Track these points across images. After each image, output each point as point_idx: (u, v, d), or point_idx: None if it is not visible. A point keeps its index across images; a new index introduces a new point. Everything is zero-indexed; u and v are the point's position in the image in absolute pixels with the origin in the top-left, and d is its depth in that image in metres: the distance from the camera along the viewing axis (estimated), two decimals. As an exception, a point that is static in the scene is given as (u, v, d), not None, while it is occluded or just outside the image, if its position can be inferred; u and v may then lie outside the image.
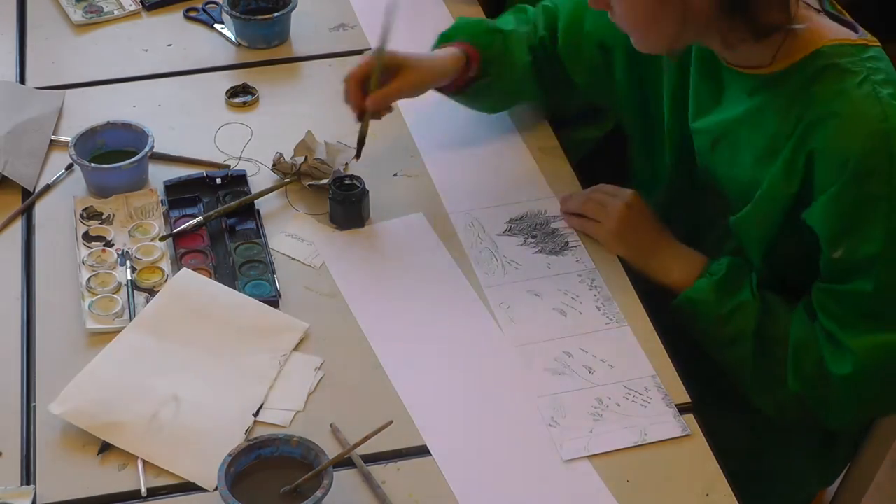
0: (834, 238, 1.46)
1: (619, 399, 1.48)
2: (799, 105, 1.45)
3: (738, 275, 1.60)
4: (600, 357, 1.53)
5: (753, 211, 1.54)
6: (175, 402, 1.46)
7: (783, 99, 1.47)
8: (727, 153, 1.58)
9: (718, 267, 1.61)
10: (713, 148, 1.59)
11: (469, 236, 1.70)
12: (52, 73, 2.01)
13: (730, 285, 1.59)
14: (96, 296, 1.58)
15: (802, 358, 1.53)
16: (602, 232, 1.67)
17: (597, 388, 1.49)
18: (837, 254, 1.46)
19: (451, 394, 1.49)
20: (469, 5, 2.14)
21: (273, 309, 1.58)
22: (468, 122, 1.89)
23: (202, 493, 1.38)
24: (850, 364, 1.49)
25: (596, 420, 1.45)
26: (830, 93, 1.43)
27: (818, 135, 1.42)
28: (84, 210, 1.72)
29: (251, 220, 1.72)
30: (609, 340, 1.55)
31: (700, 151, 1.64)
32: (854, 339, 1.49)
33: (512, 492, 1.39)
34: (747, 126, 1.53)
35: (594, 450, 1.42)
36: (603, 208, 1.67)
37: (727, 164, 1.58)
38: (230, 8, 2.05)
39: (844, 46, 1.45)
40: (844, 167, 1.40)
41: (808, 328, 1.54)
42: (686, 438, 1.44)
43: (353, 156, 1.74)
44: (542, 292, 1.61)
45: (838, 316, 1.50)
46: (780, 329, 1.56)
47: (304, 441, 1.35)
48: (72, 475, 1.40)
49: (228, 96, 1.95)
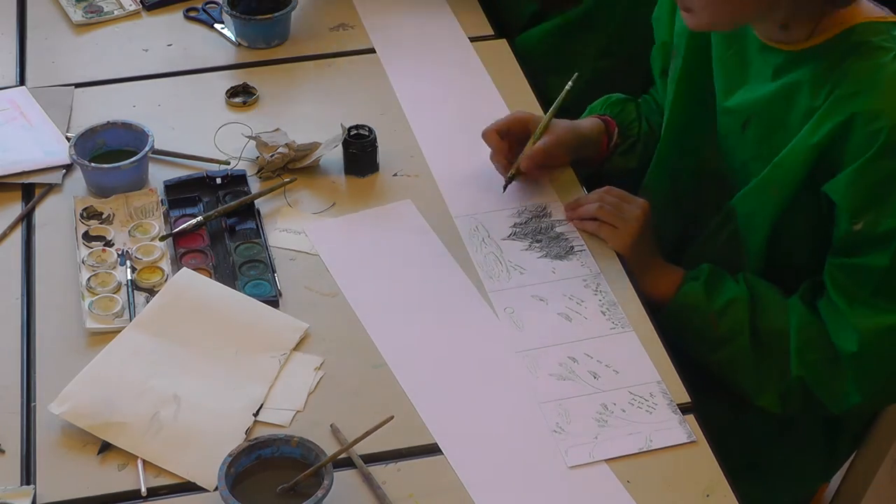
0: (857, 210, 1.46)
1: (624, 405, 1.47)
2: (830, 80, 1.46)
3: (720, 274, 1.62)
4: (605, 362, 1.52)
5: (768, 181, 1.55)
6: (175, 402, 1.46)
7: (814, 74, 1.49)
8: (758, 133, 1.58)
9: (699, 272, 1.63)
10: (744, 129, 1.60)
11: (474, 240, 1.70)
12: (52, 73, 2.01)
13: (717, 283, 1.61)
14: (96, 296, 1.58)
15: (806, 342, 1.54)
16: (618, 238, 1.65)
17: (602, 393, 1.49)
18: (858, 226, 1.46)
19: (456, 397, 1.49)
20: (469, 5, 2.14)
21: (273, 309, 1.58)
22: (468, 124, 1.89)
23: (202, 493, 1.38)
24: (856, 343, 1.49)
25: (601, 426, 1.45)
26: (863, 69, 1.44)
27: (848, 108, 1.44)
28: (84, 210, 1.72)
29: (251, 220, 1.72)
30: (614, 346, 1.55)
31: (727, 133, 1.65)
32: (861, 318, 1.49)
33: (515, 492, 1.39)
34: (779, 104, 1.54)
35: (599, 456, 1.41)
36: (619, 213, 1.66)
37: (757, 144, 1.59)
38: (230, 8, 2.05)
39: (877, 24, 1.47)
40: (874, 140, 1.42)
41: (809, 315, 1.54)
42: (686, 439, 1.44)
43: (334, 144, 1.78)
44: (548, 297, 1.61)
45: (848, 290, 1.50)
46: (775, 319, 1.57)
47: (304, 441, 1.35)
48: (72, 475, 1.39)
49: (228, 96, 1.95)
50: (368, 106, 1.93)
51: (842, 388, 1.55)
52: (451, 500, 1.38)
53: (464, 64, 2.03)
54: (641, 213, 1.66)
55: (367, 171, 1.80)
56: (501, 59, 2.04)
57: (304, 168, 1.79)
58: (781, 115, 1.54)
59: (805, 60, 1.50)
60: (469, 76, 2.01)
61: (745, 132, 1.60)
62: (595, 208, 1.67)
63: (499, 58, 2.05)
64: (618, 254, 1.66)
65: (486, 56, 2.05)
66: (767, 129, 1.57)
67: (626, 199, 1.68)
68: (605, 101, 1.86)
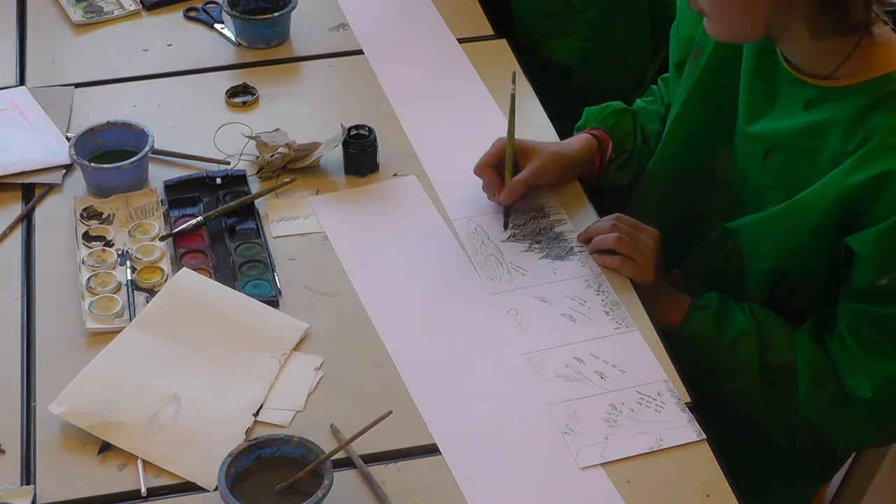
0: (883, 266, 1.44)
1: (632, 404, 1.47)
2: (865, 128, 1.44)
3: (728, 304, 1.62)
4: (612, 362, 1.52)
5: (784, 215, 1.53)
6: (175, 402, 1.46)
7: (848, 117, 1.46)
8: (781, 164, 1.56)
9: (707, 300, 1.63)
10: (766, 157, 1.58)
11: (473, 243, 1.70)
12: (52, 73, 2.01)
13: (726, 314, 1.60)
14: (96, 296, 1.58)
15: (816, 382, 1.54)
16: (641, 272, 1.63)
17: (610, 393, 1.49)
18: (883, 281, 1.45)
19: (460, 397, 1.49)
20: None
21: (273, 309, 1.58)
22: (467, 125, 1.89)
23: (202, 493, 1.38)
24: (871, 390, 1.49)
25: (611, 426, 1.45)
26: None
27: (883, 163, 1.41)
28: (84, 210, 1.72)
29: (251, 220, 1.72)
30: (619, 345, 1.54)
31: (747, 156, 1.62)
32: (877, 366, 1.49)
33: (517, 493, 1.39)
34: (807, 139, 1.51)
35: (611, 457, 1.41)
36: (635, 246, 1.63)
37: (779, 174, 1.56)
38: (230, 8, 2.05)
39: None
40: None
41: (818, 352, 1.54)
42: (685, 439, 1.44)
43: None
44: (550, 298, 1.61)
45: (865, 337, 1.50)
46: (783, 353, 1.56)
47: (304, 441, 1.35)
48: (72, 475, 1.39)
49: (228, 96, 1.95)
50: (368, 106, 1.93)
51: (852, 429, 1.55)
52: (451, 500, 1.38)
53: (456, 64, 2.03)
54: (655, 243, 1.64)
55: (367, 171, 1.80)
56: (501, 59, 2.04)
57: (304, 168, 1.79)
58: (809, 151, 1.51)
59: (839, 98, 1.47)
60: (462, 77, 2.00)
61: (766, 161, 1.58)
62: (613, 240, 1.63)
63: (499, 58, 2.04)
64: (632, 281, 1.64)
65: (486, 56, 2.05)
66: (792, 162, 1.54)
67: (639, 228, 1.65)
68: (601, 112, 1.82)
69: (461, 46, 2.06)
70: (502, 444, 1.43)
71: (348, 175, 1.80)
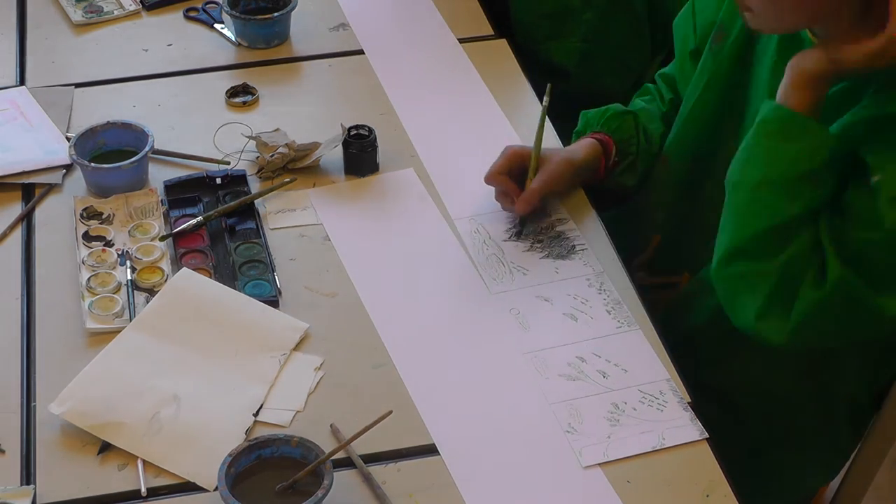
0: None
1: (635, 403, 1.47)
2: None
3: None
4: (614, 361, 1.52)
5: None
6: (175, 402, 1.46)
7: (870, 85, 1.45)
8: None
9: None
10: None
11: (475, 242, 1.70)
12: (52, 73, 2.01)
13: None
14: (96, 296, 1.58)
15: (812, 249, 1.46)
16: None
17: (612, 392, 1.49)
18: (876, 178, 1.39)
19: (463, 398, 1.49)
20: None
21: (273, 309, 1.58)
22: (467, 125, 1.89)
23: (202, 493, 1.38)
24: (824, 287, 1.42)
25: (613, 425, 1.45)
26: None
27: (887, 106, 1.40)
28: (84, 210, 1.72)
29: (251, 220, 1.72)
30: (621, 344, 1.55)
31: None
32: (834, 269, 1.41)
33: (517, 493, 1.39)
34: (831, 110, 1.48)
35: (614, 455, 1.41)
36: None
37: None
38: (230, 8, 2.05)
39: None
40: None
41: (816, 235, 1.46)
42: (686, 439, 1.44)
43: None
44: (552, 297, 1.61)
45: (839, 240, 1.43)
46: None
47: (304, 441, 1.35)
48: (72, 475, 1.39)
49: (228, 96, 1.95)
50: (368, 106, 1.93)
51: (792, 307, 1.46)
52: (451, 500, 1.38)
53: (456, 64, 2.03)
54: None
55: (367, 171, 1.80)
56: (502, 59, 2.04)
57: (304, 168, 1.79)
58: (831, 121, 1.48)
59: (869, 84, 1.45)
60: (462, 77, 2.00)
61: None
62: None
63: (499, 58, 2.05)
64: None
65: (486, 56, 2.05)
66: None
67: None
68: (601, 115, 1.81)
69: (461, 46, 2.07)
70: (503, 444, 1.44)
71: (348, 175, 1.80)
